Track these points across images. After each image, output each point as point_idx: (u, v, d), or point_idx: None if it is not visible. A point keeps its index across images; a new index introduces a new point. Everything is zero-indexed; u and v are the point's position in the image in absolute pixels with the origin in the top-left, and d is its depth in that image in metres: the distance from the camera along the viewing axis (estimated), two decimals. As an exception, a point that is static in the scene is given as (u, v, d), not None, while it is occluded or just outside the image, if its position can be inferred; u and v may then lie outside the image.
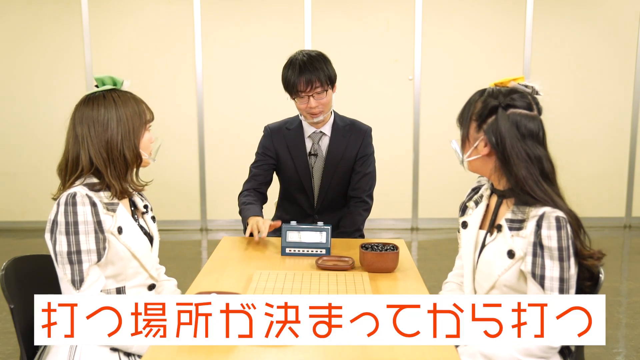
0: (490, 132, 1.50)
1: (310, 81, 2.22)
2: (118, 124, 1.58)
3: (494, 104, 1.51)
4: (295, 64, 2.26)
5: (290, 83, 2.26)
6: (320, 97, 2.27)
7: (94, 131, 1.57)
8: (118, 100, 1.60)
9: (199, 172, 5.36)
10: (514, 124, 1.48)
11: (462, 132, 1.59)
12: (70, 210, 1.49)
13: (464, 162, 1.62)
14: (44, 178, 5.19)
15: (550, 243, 1.40)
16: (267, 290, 1.64)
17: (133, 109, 1.61)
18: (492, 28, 5.25)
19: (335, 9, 5.19)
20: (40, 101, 5.23)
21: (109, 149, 1.58)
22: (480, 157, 1.56)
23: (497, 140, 1.49)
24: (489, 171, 1.57)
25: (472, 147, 1.56)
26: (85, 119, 1.58)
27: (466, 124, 1.57)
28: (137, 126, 1.62)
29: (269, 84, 5.16)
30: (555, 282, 1.39)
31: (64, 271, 1.49)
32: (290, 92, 2.30)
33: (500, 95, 1.52)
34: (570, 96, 5.35)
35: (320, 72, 2.24)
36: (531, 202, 1.46)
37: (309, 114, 2.31)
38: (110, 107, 1.58)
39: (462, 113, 1.60)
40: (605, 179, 5.47)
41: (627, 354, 2.86)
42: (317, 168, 2.44)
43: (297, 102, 2.31)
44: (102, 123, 1.57)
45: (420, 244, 4.99)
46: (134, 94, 1.67)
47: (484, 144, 1.53)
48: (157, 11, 5.17)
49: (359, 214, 2.43)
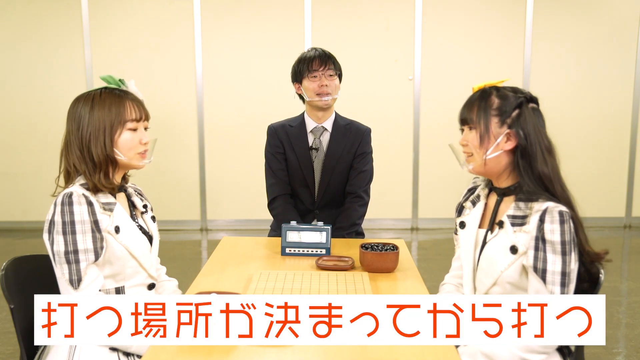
0: (517, 126, 1.50)
1: (324, 62, 2.40)
2: (90, 120, 1.57)
3: (519, 97, 1.52)
4: (311, 51, 2.46)
5: (305, 61, 2.41)
6: (332, 79, 2.40)
7: (71, 127, 1.59)
8: (97, 98, 1.58)
9: (199, 172, 5.36)
10: (539, 117, 1.52)
11: (481, 129, 1.53)
12: (66, 210, 1.49)
13: (467, 164, 1.60)
14: (44, 178, 5.19)
15: (553, 237, 1.40)
16: (267, 290, 1.64)
17: (109, 107, 1.57)
18: (492, 28, 5.25)
19: (335, 9, 5.19)
20: (40, 101, 5.23)
21: (82, 147, 1.57)
22: (500, 153, 1.53)
23: (524, 133, 1.50)
24: (501, 167, 1.54)
25: (494, 144, 1.53)
26: (69, 116, 1.60)
27: (484, 120, 1.53)
28: (109, 124, 1.57)
29: (269, 84, 5.16)
30: (557, 276, 1.40)
31: (62, 271, 1.49)
32: (302, 72, 2.41)
33: (518, 90, 1.54)
34: (570, 96, 5.35)
35: (334, 59, 2.44)
36: (535, 196, 1.46)
37: (319, 94, 2.39)
38: (87, 104, 1.58)
39: (470, 112, 1.56)
40: (605, 179, 5.47)
41: (627, 354, 2.86)
42: (317, 162, 2.50)
43: (308, 82, 2.40)
44: (76, 119, 1.58)
45: (420, 244, 4.99)
46: (128, 92, 1.63)
47: (506, 140, 1.52)
48: (157, 11, 5.17)
49: (355, 209, 2.48)
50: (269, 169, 2.53)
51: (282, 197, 2.50)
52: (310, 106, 2.46)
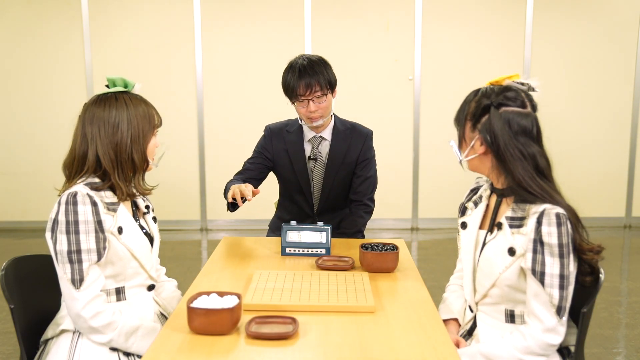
0: (484, 131, 1.52)
1: (309, 85, 2.22)
2: (128, 126, 1.58)
3: (486, 103, 1.52)
4: (295, 68, 2.26)
5: (290, 87, 2.26)
6: (320, 102, 2.26)
7: (104, 132, 1.57)
8: (129, 103, 1.60)
9: (199, 172, 5.36)
10: (506, 122, 1.49)
11: (459, 133, 1.61)
12: (70, 210, 1.49)
13: (463, 162, 1.63)
14: (44, 178, 5.19)
15: (551, 240, 1.40)
16: (267, 290, 1.64)
17: (143, 113, 1.62)
18: (492, 28, 5.25)
19: (335, 9, 5.19)
20: (40, 101, 5.23)
21: (118, 151, 1.58)
22: (477, 156, 1.57)
23: (491, 138, 1.50)
24: (487, 170, 1.59)
25: (468, 147, 1.58)
26: (96, 119, 1.58)
27: (462, 124, 1.59)
28: (146, 130, 1.62)
29: (269, 84, 5.15)
30: (555, 279, 1.40)
31: (64, 270, 1.49)
32: (290, 96, 2.30)
33: (493, 94, 1.53)
34: (570, 96, 5.35)
35: (320, 76, 2.23)
36: (531, 199, 1.46)
37: (308, 118, 2.31)
38: (121, 109, 1.59)
39: (458, 113, 1.62)
40: (605, 179, 5.46)
41: (627, 354, 2.86)
42: (317, 172, 2.43)
43: (297, 107, 2.31)
44: (112, 124, 1.57)
45: (420, 244, 4.99)
46: (144, 98, 1.67)
47: (479, 143, 1.54)
48: (157, 11, 5.17)
49: (360, 216, 2.44)
50: (245, 163, 2.47)
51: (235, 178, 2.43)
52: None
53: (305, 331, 1.39)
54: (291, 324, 1.40)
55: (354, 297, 1.58)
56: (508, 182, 1.52)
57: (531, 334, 1.42)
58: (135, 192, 1.65)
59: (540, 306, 1.41)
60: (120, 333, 1.52)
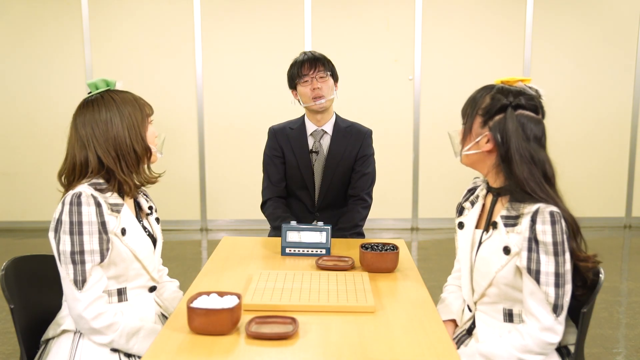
0: (496, 130, 1.50)
1: (314, 64, 2.38)
2: (121, 120, 1.58)
3: (504, 102, 1.50)
4: (300, 55, 2.44)
5: (294, 69, 2.40)
6: (323, 80, 2.38)
7: (98, 131, 1.57)
8: (116, 97, 1.61)
9: (199, 172, 5.36)
10: (520, 125, 1.48)
11: (465, 125, 1.58)
12: (75, 210, 1.49)
13: (460, 154, 1.61)
14: (44, 178, 5.19)
15: (545, 238, 1.40)
16: (267, 290, 1.64)
17: (132, 104, 1.62)
18: (492, 28, 5.26)
19: (335, 9, 5.19)
20: (40, 101, 5.23)
21: (117, 146, 1.58)
22: (479, 153, 1.56)
23: (502, 138, 1.49)
24: (486, 168, 1.58)
25: (473, 142, 1.56)
26: (88, 121, 1.57)
27: (471, 117, 1.56)
28: (139, 119, 1.62)
29: (269, 84, 5.16)
30: (551, 277, 1.40)
31: (67, 271, 1.49)
32: (294, 80, 2.41)
33: (511, 94, 1.51)
34: (570, 95, 5.35)
35: (323, 59, 2.41)
36: (526, 198, 1.46)
37: (313, 98, 2.38)
38: (110, 105, 1.59)
39: (466, 106, 1.59)
40: (605, 179, 5.46)
41: (627, 354, 2.86)
42: (318, 165, 2.49)
43: (302, 88, 2.40)
44: (105, 121, 1.57)
45: (420, 244, 4.99)
46: (129, 91, 1.67)
47: (486, 140, 1.53)
48: (157, 11, 5.17)
49: (358, 211, 2.48)
50: (265, 172, 2.56)
51: (273, 199, 2.52)
52: (309, 110, 2.46)
53: (305, 331, 1.39)
54: (291, 324, 1.40)
55: (354, 297, 1.58)
56: (505, 182, 1.52)
57: (529, 333, 1.42)
58: (143, 181, 1.65)
59: (536, 304, 1.41)
60: (122, 334, 1.52)
